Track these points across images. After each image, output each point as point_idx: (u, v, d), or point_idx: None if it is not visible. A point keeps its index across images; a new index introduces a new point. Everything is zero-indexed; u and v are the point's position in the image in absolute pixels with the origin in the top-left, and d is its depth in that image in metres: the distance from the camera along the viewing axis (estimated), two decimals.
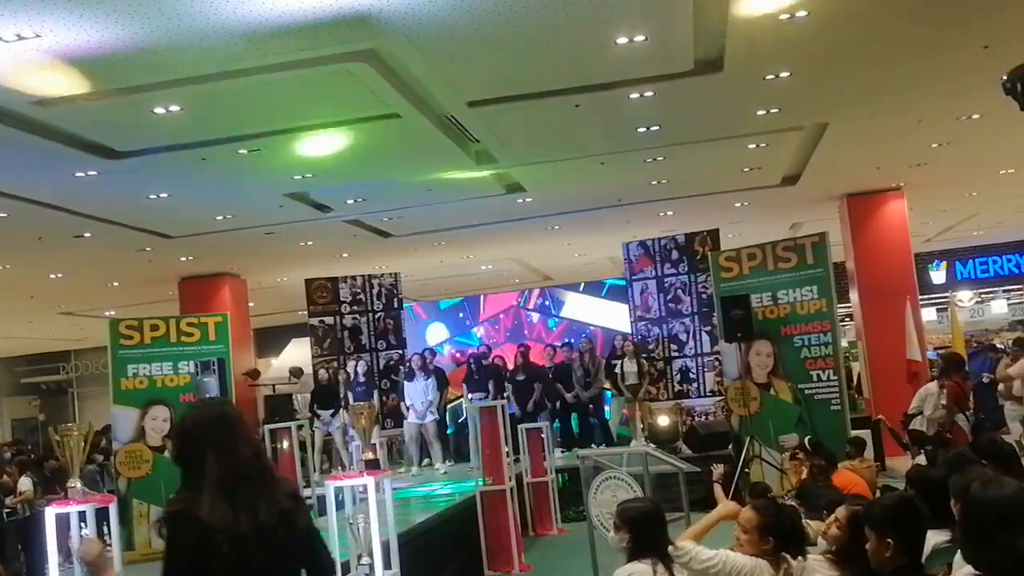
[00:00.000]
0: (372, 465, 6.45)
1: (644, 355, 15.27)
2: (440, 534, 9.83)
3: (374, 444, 11.93)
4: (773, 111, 10.89)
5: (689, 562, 4.62)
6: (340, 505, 6.47)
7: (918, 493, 5.17)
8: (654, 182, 14.09)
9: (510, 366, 15.62)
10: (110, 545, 8.04)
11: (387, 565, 6.22)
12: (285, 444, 11.55)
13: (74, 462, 6.71)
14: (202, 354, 12.87)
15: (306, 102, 9.10)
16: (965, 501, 3.55)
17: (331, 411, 14.93)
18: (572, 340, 16.96)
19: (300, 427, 12.12)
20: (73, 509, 6.24)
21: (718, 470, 8.10)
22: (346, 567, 6.19)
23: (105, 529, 7.33)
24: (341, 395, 15.12)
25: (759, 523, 4.60)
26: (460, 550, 10.19)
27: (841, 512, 4.80)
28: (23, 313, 20.55)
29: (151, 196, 11.78)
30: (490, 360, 15.63)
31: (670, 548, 4.57)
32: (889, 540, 3.82)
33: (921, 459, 9.16)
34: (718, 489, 8.05)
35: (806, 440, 10.03)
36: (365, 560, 5.85)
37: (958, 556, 4.30)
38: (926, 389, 12.21)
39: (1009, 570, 3.23)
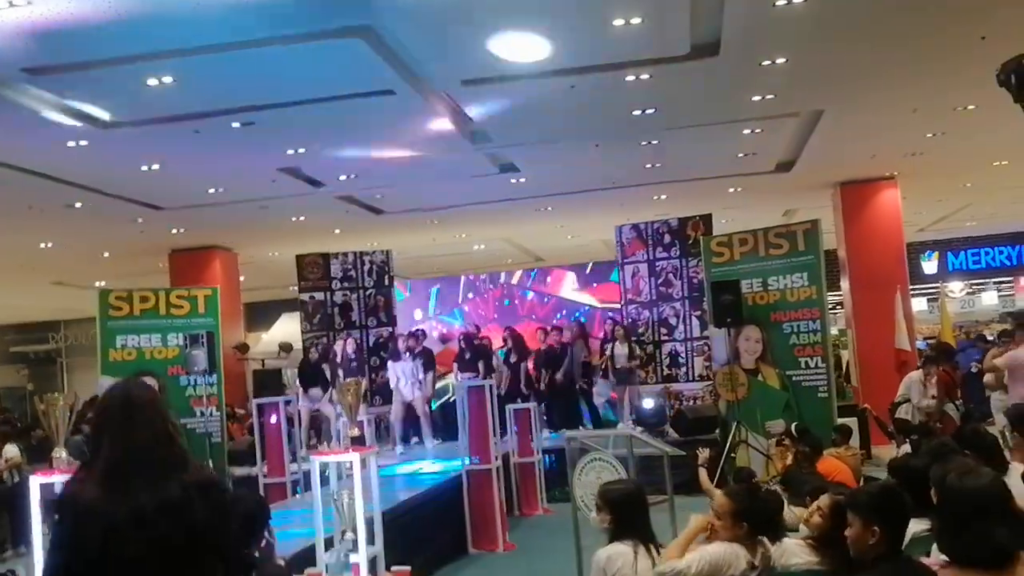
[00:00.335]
0: (358, 441, 6.44)
1: (634, 338, 15.30)
2: (425, 512, 9.85)
3: (361, 421, 11.95)
4: (769, 97, 10.88)
5: None
6: (326, 481, 6.48)
7: (900, 482, 5.20)
8: (648, 165, 14.08)
9: (496, 347, 15.64)
10: None
11: (371, 541, 6.22)
12: (273, 419, 11.57)
13: (59, 432, 6.67)
14: (191, 327, 12.88)
15: (300, 76, 9.07)
16: (942, 490, 3.57)
17: (318, 387, 14.93)
18: (566, 316, 16.95)
19: (288, 402, 12.13)
20: (58, 479, 6.23)
21: (703, 454, 8.14)
22: (329, 542, 6.21)
23: None
24: (330, 374, 15.11)
25: (732, 509, 4.63)
26: (445, 528, 10.23)
27: (824, 501, 4.83)
28: (13, 282, 20.50)
29: (143, 167, 11.75)
30: (479, 340, 15.64)
31: (656, 570, 4.59)
32: (875, 528, 3.85)
33: (907, 448, 9.20)
34: (703, 473, 8.09)
35: (792, 427, 10.06)
36: (349, 536, 5.85)
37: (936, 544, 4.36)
38: (910, 377, 12.27)
39: (983, 560, 3.26)
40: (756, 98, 10.90)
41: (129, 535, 2.91)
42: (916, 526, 4.78)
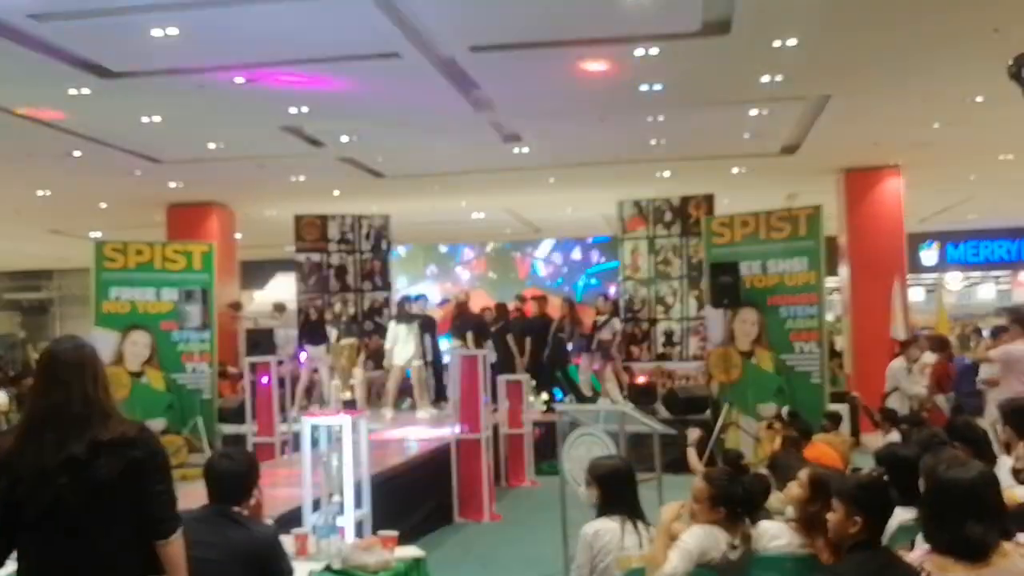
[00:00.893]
0: (349, 405, 6.46)
1: (628, 315, 15.32)
2: (412, 478, 9.88)
3: (352, 384, 11.99)
4: (777, 79, 10.85)
5: None
6: (315, 443, 6.50)
7: (889, 470, 5.23)
8: (653, 142, 14.05)
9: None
10: None
11: (358, 504, 6.26)
12: (264, 379, 11.60)
13: None
14: (186, 282, 12.88)
15: (306, 35, 9.02)
16: (929, 481, 3.61)
17: (323, 346, 14.94)
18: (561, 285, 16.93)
19: (280, 363, 12.14)
20: None
21: (693, 434, 8.17)
22: (316, 505, 6.25)
23: None
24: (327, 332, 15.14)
25: (709, 494, 4.64)
26: (431, 495, 10.27)
27: (803, 473, 4.86)
28: (8, 229, 20.45)
29: (143, 119, 11.70)
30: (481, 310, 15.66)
31: None
32: (857, 517, 3.89)
33: (894, 436, 9.24)
34: (692, 453, 8.12)
35: (784, 411, 10.11)
36: (336, 498, 5.88)
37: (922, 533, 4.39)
38: (892, 368, 12.30)
39: (961, 552, 3.32)
40: (765, 79, 10.87)
41: (33, 488, 3.14)
42: (903, 515, 4.81)
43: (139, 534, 3.28)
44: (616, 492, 4.98)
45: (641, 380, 15.22)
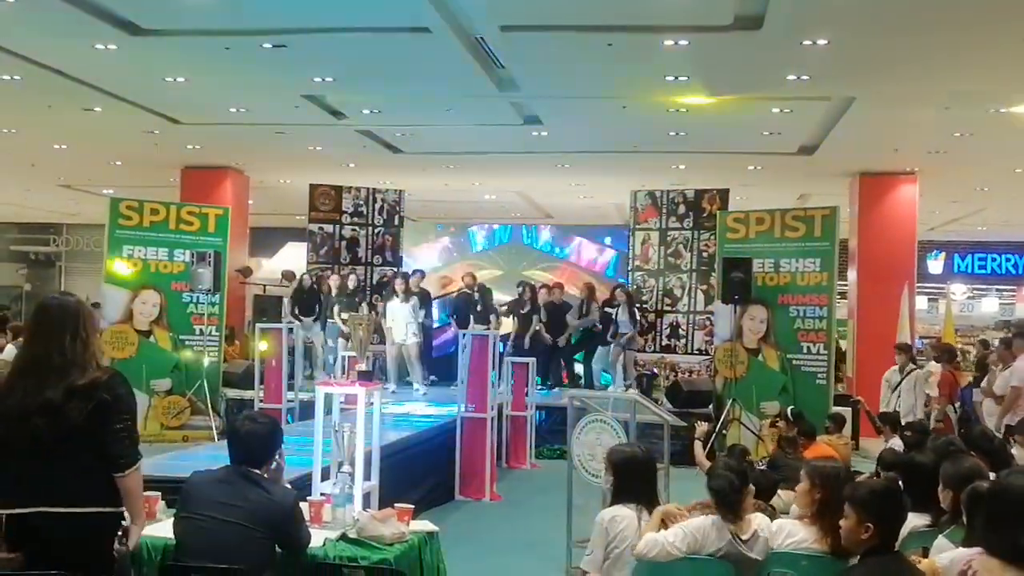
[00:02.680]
0: (364, 376, 6.42)
1: (637, 305, 15.28)
2: (415, 454, 9.87)
3: (368, 356, 11.97)
4: (804, 78, 10.79)
5: (663, 550, 4.59)
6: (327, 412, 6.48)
7: (904, 477, 5.22)
8: (673, 133, 14.00)
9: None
10: None
11: (367, 476, 6.23)
12: (263, 344, 11.56)
13: None
14: (199, 244, 12.87)
15: (338, 3, 8.95)
16: (994, 490, 3.58)
17: (312, 317, 14.93)
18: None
19: (291, 330, 12.13)
20: None
21: (702, 427, 8.15)
22: (326, 473, 6.23)
23: None
24: (323, 303, 15.09)
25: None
26: (433, 472, 10.26)
27: (806, 468, 4.84)
28: (21, 180, 20.41)
29: (167, 78, 11.63)
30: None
31: (640, 545, 4.58)
32: (869, 524, 3.87)
33: (895, 442, 9.22)
34: (698, 446, 8.11)
35: (788, 410, 10.10)
36: (346, 468, 5.85)
37: (938, 540, 4.37)
38: (886, 380, 12.27)
39: (1016, 558, 3.29)
40: (791, 77, 10.81)
41: (15, 427, 3.66)
42: (916, 520, 4.80)
43: (103, 470, 3.74)
44: (631, 480, 4.96)
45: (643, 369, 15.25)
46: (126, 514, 3.82)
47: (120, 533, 3.81)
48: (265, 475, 4.11)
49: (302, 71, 11.28)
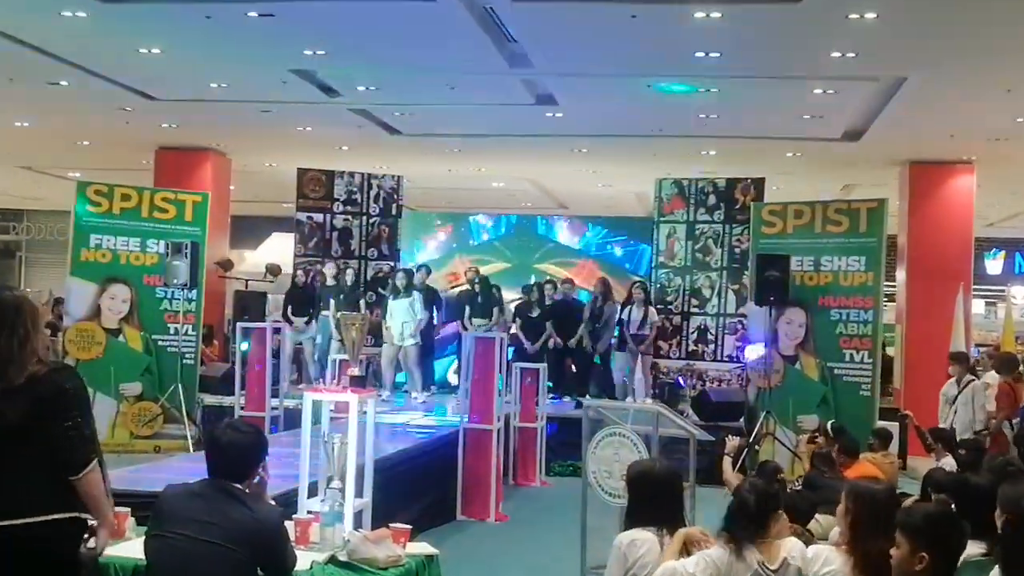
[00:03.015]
0: (357, 382, 6.43)
1: (659, 305, 15.27)
2: (413, 468, 9.89)
3: (361, 360, 11.97)
4: (849, 55, 10.76)
5: None
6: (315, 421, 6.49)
7: (957, 500, 5.20)
8: (702, 115, 13.97)
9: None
10: None
11: (359, 493, 6.24)
12: (244, 345, 11.58)
13: None
14: (175, 234, 12.92)
15: None
16: None
17: (305, 318, 14.95)
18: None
19: (277, 331, 12.16)
20: None
21: (732, 443, 8.15)
22: (314, 489, 6.24)
23: None
24: (317, 299, 15.11)
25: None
26: (432, 489, 10.28)
27: (845, 487, 4.82)
28: None
29: (142, 50, 11.63)
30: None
31: (656, 574, 4.57)
32: (924, 554, 3.83)
33: (948, 461, 9.20)
34: (727, 463, 8.11)
35: (828, 424, 10.09)
36: (336, 484, 5.86)
37: (995, 571, 4.34)
38: (943, 394, 12.25)
39: None
40: (835, 55, 10.77)
41: None
42: (972, 548, 4.78)
43: (54, 473, 3.77)
44: (654, 499, 4.95)
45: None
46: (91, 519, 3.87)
47: (86, 536, 3.86)
48: (247, 490, 4.11)
49: (291, 43, 11.27)
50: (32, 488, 3.76)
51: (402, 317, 14.19)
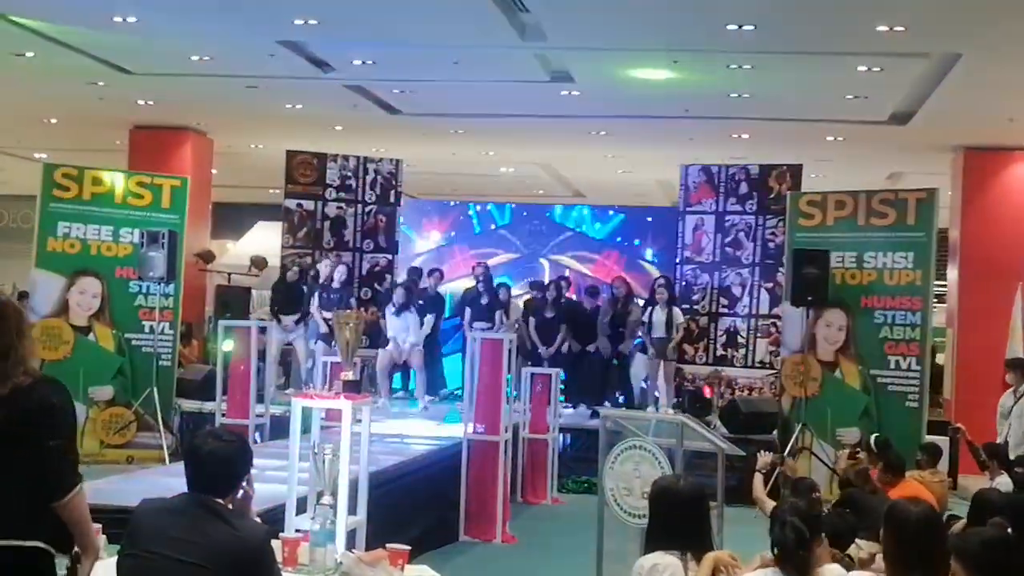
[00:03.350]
0: (351, 387, 6.45)
1: (684, 305, 15.29)
2: (411, 483, 9.93)
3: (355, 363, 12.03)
4: (898, 29, 10.74)
5: None
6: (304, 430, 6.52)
7: (1013, 523, 5.21)
8: (734, 95, 13.97)
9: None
10: None
11: (352, 509, 6.27)
12: (227, 345, 11.61)
13: None
14: (151, 222, 12.94)
15: None
16: None
17: (295, 317, 14.98)
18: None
19: (263, 329, 12.19)
20: None
21: (764, 458, 8.14)
22: (303, 505, 6.26)
23: None
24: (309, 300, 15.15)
25: None
26: (433, 506, 10.31)
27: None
28: None
29: (116, 18, 11.66)
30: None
31: None
32: None
33: (1002, 480, 9.19)
34: (758, 480, 8.11)
35: (872, 438, 10.08)
36: (327, 499, 5.88)
37: None
38: (1001, 405, 12.23)
39: None
40: (882, 28, 10.76)
41: None
42: None
43: (32, 494, 3.77)
44: (677, 518, 4.95)
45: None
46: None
47: (68, 564, 3.88)
48: (230, 506, 4.12)
49: (280, 11, 11.30)
50: (11, 511, 3.76)
51: (400, 334, 14.25)
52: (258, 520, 4.36)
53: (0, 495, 3.76)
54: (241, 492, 4.20)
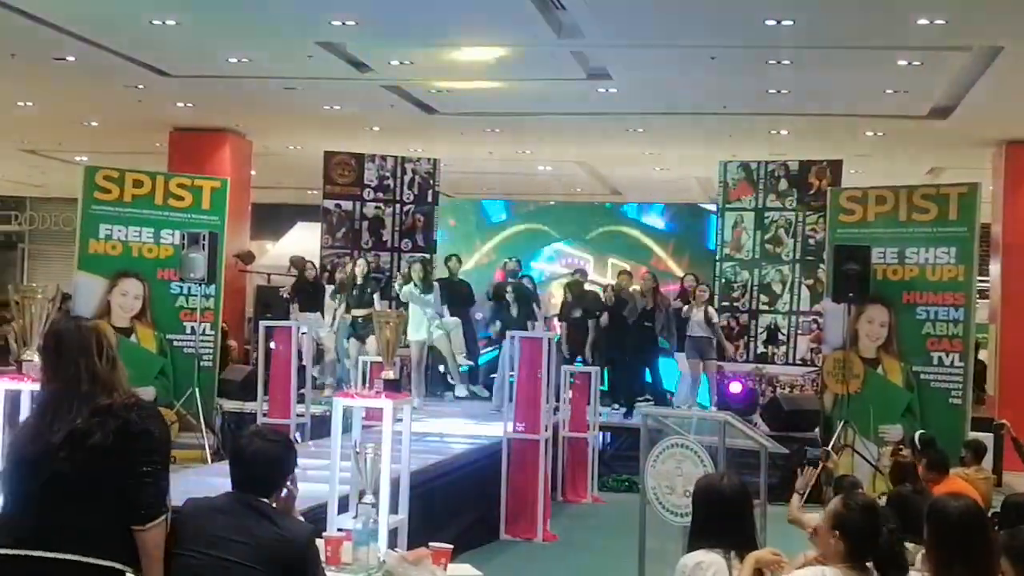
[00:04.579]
0: (391, 386, 6.46)
1: (724, 303, 15.23)
2: (452, 482, 9.94)
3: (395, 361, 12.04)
4: (939, 21, 10.68)
5: None
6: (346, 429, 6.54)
7: None
8: (772, 91, 13.92)
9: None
10: None
11: (394, 508, 6.28)
12: (273, 344, 11.66)
13: (33, 331, 6.79)
14: (191, 224, 12.99)
15: None
16: None
17: (315, 313, 15.01)
18: None
19: (302, 331, 12.22)
20: (26, 387, 6.34)
21: (804, 478, 7.83)
22: (345, 504, 6.27)
23: None
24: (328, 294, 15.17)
25: (830, 521, 4.58)
26: (473, 505, 10.32)
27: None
28: None
29: (154, 21, 11.74)
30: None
31: None
32: None
33: None
34: (795, 500, 7.98)
35: (916, 435, 10.01)
36: (369, 498, 5.89)
37: None
38: None
39: None
40: (923, 21, 10.70)
41: (35, 466, 3.85)
42: None
43: (119, 514, 3.81)
44: (721, 516, 4.93)
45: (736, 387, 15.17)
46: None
47: None
48: (274, 504, 4.14)
49: (318, 12, 11.34)
50: (98, 529, 3.82)
51: (427, 314, 14.18)
52: (302, 519, 4.39)
53: (87, 512, 3.81)
54: (285, 491, 4.22)
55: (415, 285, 14.28)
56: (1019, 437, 11.80)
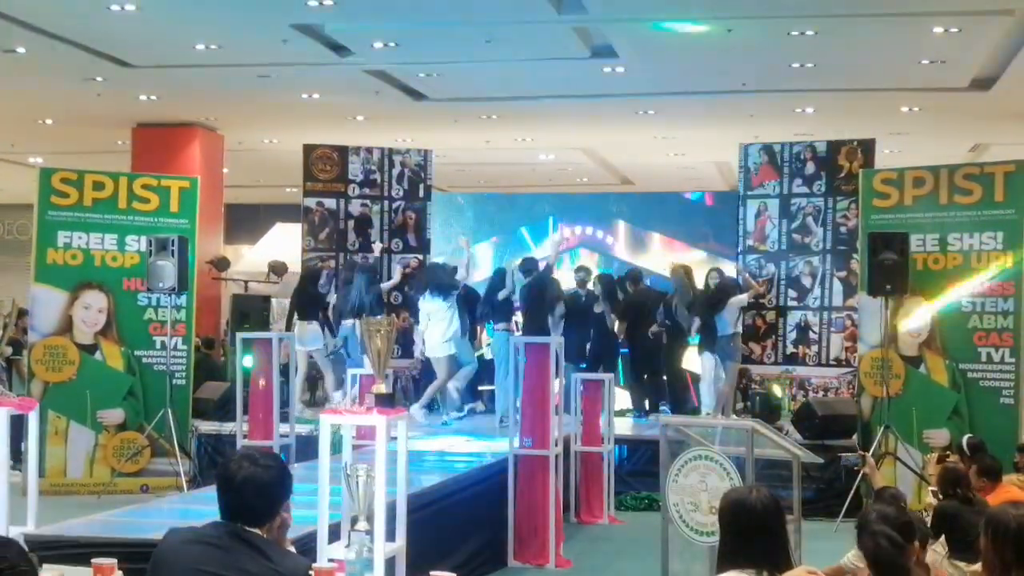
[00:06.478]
0: (384, 401, 6.47)
1: (751, 302, 15.25)
2: (455, 505, 9.93)
3: (387, 374, 12.01)
4: None
5: None
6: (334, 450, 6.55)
7: None
8: (796, 65, 13.96)
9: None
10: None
11: (390, 535, 6.29)
12: (246, 360, 11.66)
13: None
14: (159, 228, 13.01)
15: None
16: None
17: (315, 322, 15.01)
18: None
19: (282, 340, 12.22)
20: None
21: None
22: (335, 532, 6.29)
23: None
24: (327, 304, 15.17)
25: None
26: (479, 529, 10.30)
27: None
28: None
29: (113, 7, 11.78)
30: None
31: None
32: None
33: None
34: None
35: (965, 440, 10.01)
36: (362, 525, 5.91)
37: None
38: None
39: None
40: None
41: None
42: None
43: None
44: (749, 535, 4.94)
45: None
46: None
47: None
48: (265, 535, 4.12)
49: None
50: None
51: (440, 320, 14.14)
52: (294, 551, 4.38)
53: None
54: (277, 520, 4.20)
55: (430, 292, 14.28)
56: None
